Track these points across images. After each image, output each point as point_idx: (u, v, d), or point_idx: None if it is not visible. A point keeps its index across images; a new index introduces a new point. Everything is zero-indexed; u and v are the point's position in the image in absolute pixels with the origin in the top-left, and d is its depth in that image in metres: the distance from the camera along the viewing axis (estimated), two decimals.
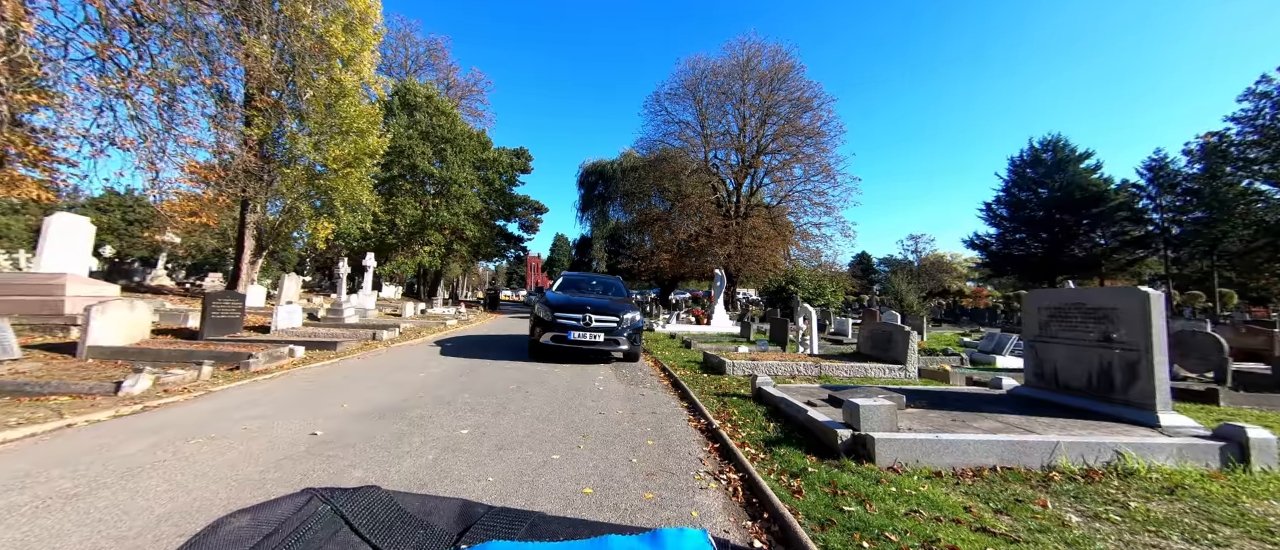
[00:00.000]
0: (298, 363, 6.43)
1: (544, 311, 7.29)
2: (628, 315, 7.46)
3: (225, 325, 7.92)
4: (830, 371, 6.56)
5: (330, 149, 15.63)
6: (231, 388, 4.82)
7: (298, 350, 6.69)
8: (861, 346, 7.85)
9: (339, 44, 15.06)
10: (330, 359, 6.89)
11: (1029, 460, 3.03)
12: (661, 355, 8.56)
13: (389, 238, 25.90)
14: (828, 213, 26.34)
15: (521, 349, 8.83)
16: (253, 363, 5.75)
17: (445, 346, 8.88)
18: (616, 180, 41.10)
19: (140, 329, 6.40)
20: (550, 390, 5.16)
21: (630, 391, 5.35)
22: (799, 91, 27.16)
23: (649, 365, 7.68)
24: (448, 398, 4.59)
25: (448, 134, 27.20)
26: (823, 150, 26.61)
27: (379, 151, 17.06)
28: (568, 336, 6.98)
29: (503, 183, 33.04)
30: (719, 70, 28.52)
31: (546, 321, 7.16)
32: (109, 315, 5.89)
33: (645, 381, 6.07)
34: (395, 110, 26.29)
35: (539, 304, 7.56)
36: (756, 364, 6.52)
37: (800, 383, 5.81)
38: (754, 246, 26.59)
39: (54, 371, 4.78)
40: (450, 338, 10.73)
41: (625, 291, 9.31)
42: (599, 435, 3.58)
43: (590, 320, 7.12)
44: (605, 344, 7.12)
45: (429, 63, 36.45)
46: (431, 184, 26.88)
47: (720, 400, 4.86)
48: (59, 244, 8.79)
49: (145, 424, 3.50)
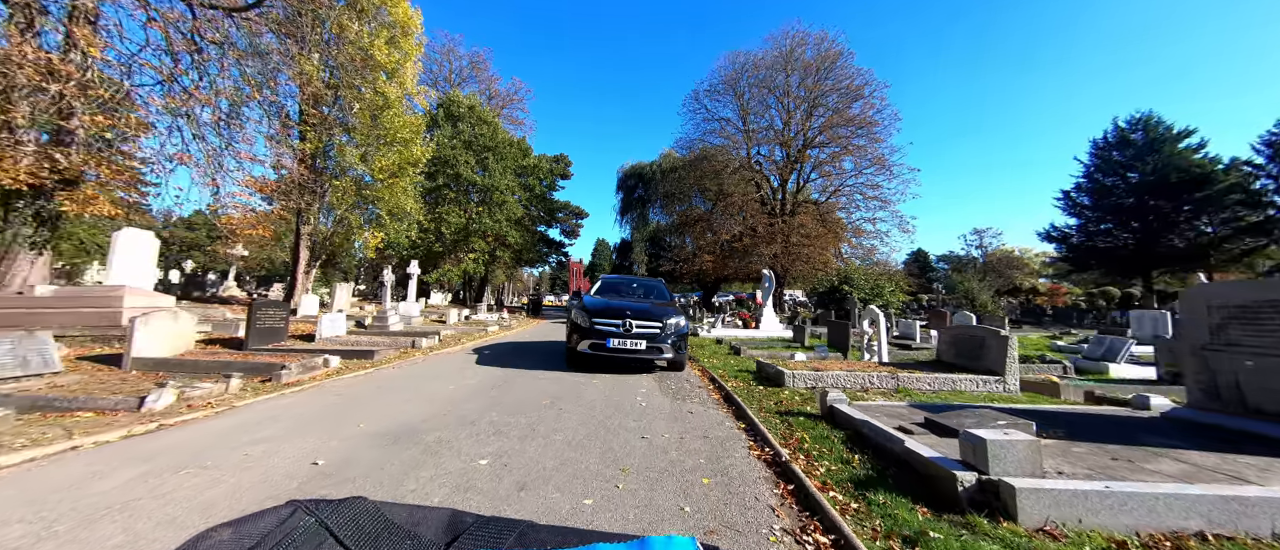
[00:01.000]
0: (332, 373, 6.23)
1: (581, 318, 6.77)
2: (671, 320, 6.81)
3: (270, 334, 7.93)
4: (910, 384, 5.62)
5: (376, 160, 16.00)
6: (256, 402, 4.57)
7: (333, 360, 6.51)
8: (942, 354, 6.80)
9: (382, 57, 15.38)
10: (366, 369, 6.67)
11: (1253, 524, 2.13)
12: (709, 363, 7.84)
13: (436, 246, 26.56)
14: (883, 207, 24.58)
15: (559, 357, 8.37)
16: (285, 374, 5.56)
17: (482, 354, 8.56)
18: (656, 182, 40.55)
19: (185, 340, 6.41)
20: (586, 407, 4.59)
21: (676, 408, 4.69)
22: (848, 80, 25.60)
23: (695, 375, 6.99)
24: (473, 416, 4.12)
25: (489, 142, 27.64)
26: (876, 141, 24.90)
27: (422, 160, 17.33)
28: (607, 344, 6.41)
29: (543, 188, 33.31)
30: (760, 63, 27.41)
31: (584, 328, 6.63)
32: (153, 326, 5.90)
33: (693, 395, 5.40)
34: (440, 122, 27.00)
35: (576, 310, 7.05)
36: (820, 374, 5.69)
37: (878, 399, 4.94)
38: (802, 245, 25.20)
39: (90, 385, 4.71)
40: (489, 345, 10.47)
41: (668, 295, 8.67)
42: (641, 468, 2.96)
43: (631, 326, 6.53)
44: (647, 352, 6.50)
45: (472, 75, 37.45)
46: (475, 192, 27.37)
47: (784, 420, 4.11)
48: (125, 258, 9.20)
49: (147, 448, 3.21)
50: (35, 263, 9.27)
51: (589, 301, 7.20)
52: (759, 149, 27.95)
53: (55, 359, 4.79)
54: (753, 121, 28.41)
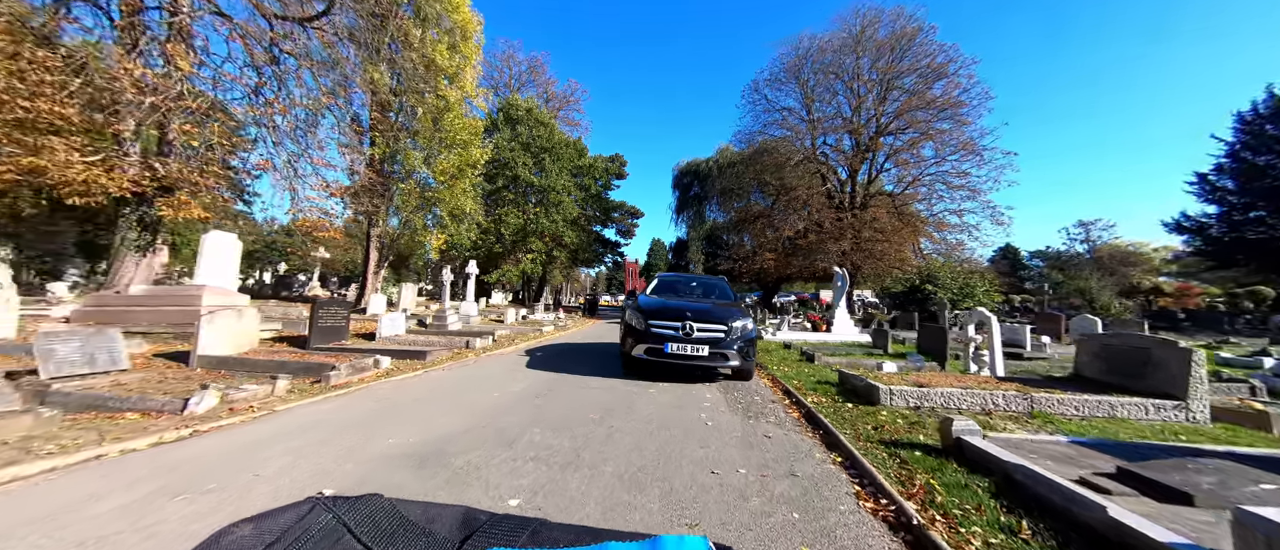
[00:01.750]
0: (382, 374, 6.04)
1: (636, 320, 6.14)
2: (737, 323, 6.00)
3: (331, 333, 8.02)
4: (1050, 408, 4.46)
5: (437, 163, 16.40)
6: (297, 407, 4.34)
7: (383, 361, 6.34)
8: (1083, 368, 5.46)
9: (443, 61, 15.69)
10: (416, 370, 6.44)
11: None
12: (779, 371, 6.94)
13: (496, 247, 27.22)
14: (972, 197, 22.01)
15: (613, 361, 7.80)
16: (334, 376, 5.38)
17: (534, 357, 8.19)
18: (712, 179, 39.40)
19: (248, 338, 6.51)
20: (641, 424, 3.93)
21: (750, 429, 3.91)
22: (928, 58, 23.21)
23: (765, 385, 6.14)
24: (513, 434, 3.59)
25: (546, 143, 27.92)
26: (962, 123, 22.37)
27: (481, 162, 17.59)
28: (664, 349, 5.73)
29: (598, 188, 33.28)
30: (827, 46, 25.58)
31: (639, 331, 5.99)
32: (217, 325, 5.98)
33: (767, 411, 4.58)
34: (499, 125, 27.65)
35: (630, 311, 6.43)
36: (924, 391, 4.66)
37: (1016, 429, 3.88)
38: (875, 241, 23.17)
39: (150, 383, 4.72)
40: (542, 346, 10.14)
41: (732, 294, 7.83)
42: (716, 522, 2.25)
43: (691, 329, 5.80)
44: (710, 359, 5.74)
45: (530, 79, 38.27)
46: (532, 193, 27.76)
47: (891, 454, 3.22)
48: (212, 259, 9.76)
49: (168, 460, 2.95)
50: (139, 264, 10.10)
51: (644, 302, 6.55)
52: (825, 139, 26.13)
53: (122, 356, 4.85)
54: (817, 110, 26.64)
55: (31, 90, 6.91)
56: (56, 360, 4.35)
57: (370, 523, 0.50)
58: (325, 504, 0.51)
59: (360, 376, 5.75)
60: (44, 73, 7.14)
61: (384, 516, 0.51)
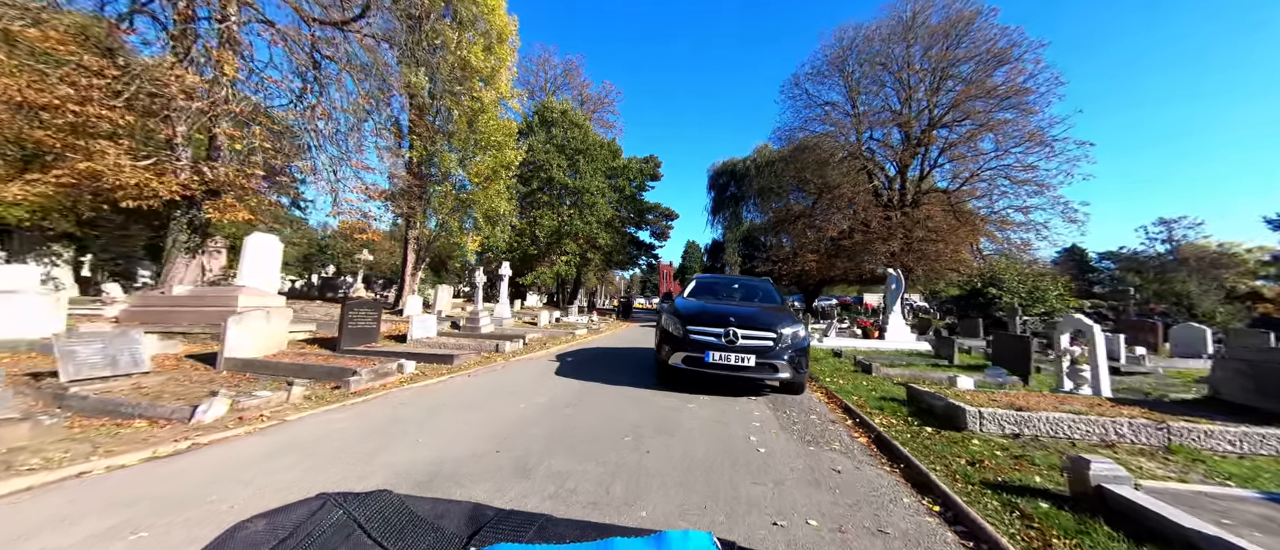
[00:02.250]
0: (405, 379, 5.74)
1: (673, 325, 5.57)
2: (787, 330, 5.33)
3: (362, 335, 7.88)
4: (1194, 442, 3.57)
5: (472, 165, 16.42)
6: (308, 416, 4.03)
7: (408, 366, 6.05)
8: (1223, 389, 4.46)
9: (478, 62, 15.69)
10: (441, 376, 6.13)
11: None
12: (834, 384, 6.19)
13: (531, 249, 27.29)
14: (1039, 192, 20.12)
15: (647, 367, 7.26)
16: (355, 381, 5.11)
17: (564, 363, 7.76)
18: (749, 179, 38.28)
19: (277, 340, 6.39)
20: (681, 448, 3.37)
21: (813, 459, 3.27)
22: (988, 43, 21.47)
23: (819, 400, 5.43)
24: (531, 459, 3.10)
25: (580, 145, 27.81)
26: (1028, 112, 20.52)
27: (515, 163, 17.50)
28: (705, 359, 5.14)
29: (633, 189, 32.93)
30: (874, 36, 24.17)
31: (676, 338, 5.42)
32: (244, 327, 5.86)
33: (829, 435, 3.91)
34: (534, 128, 27.76)
35: (667, 315, 5.87)
36: (1024, 415, 3.85)
37: (1166, 474, 3.07)
38: (928, 241, 21.57)
39: (166, 388, 4.56)
40: (574, 350, 9.73)
41: (778, 297, 7.12)
42: None
43: (735, 337, 5.18)
44: (757, 370, 5.10)
45: (565, 82, 38.45)
46: (567, 195, 27.68)
47: (1004, 503, 2.51)
48: (254, 260, 9.91)
49: (153, 477, 2.64)
50: (189, 265, 10.41)
51: (682, 305, 5.97)
52: (872, 133, 24.66)
53: (144, 359, 4.73)
54: (863, 103, 25.21)
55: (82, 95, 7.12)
56: (77, 362, 4.23)
57: (380, 518, 0.51)
58: (335, 500, 0.52)
59: (382, 382, 5.46)
60: (93, 77, 7.35)
61: (393, 512, 0.52)
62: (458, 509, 0.56)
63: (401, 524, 0.50)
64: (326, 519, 0.49)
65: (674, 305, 5.98)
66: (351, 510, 0.51)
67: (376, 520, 0.50)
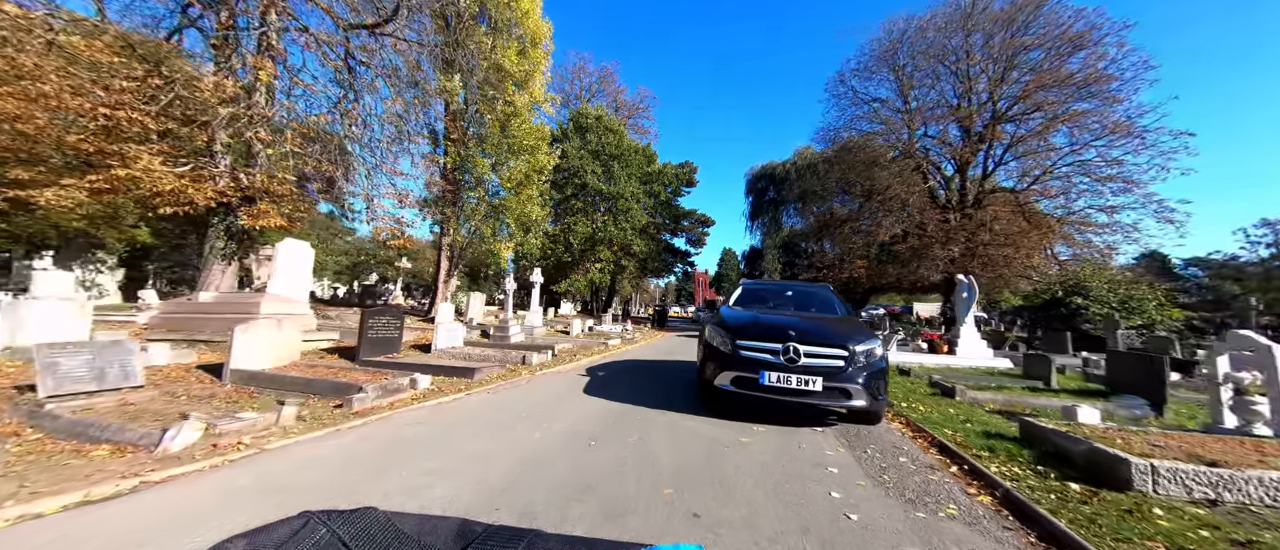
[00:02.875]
0: (416, 397, 5.16)
1: (720, 338, 4.72)
2: (861, 347, 4.37)
3: (383, 345, 7.44)
4: None
5: (504, 170, 16.16)
6: (294, 443, 3.46)
7: (422, 381, 5.48)
8: None
9: (512, 66, 15.45)
10: (458, 392, 5.52)
11: None
12: (914, 411, 5.14)
13: (564, 256, 26.97)
14: (1126, 189, 17.88)
15: (686, 384, 6.42)
16: (359, 399, 4.55)
17: (595, 377, 7.03)
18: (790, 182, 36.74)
19: (288, 350, 5.98)
20: (741, 511, 2.52)
21: (923, 532, 2.35)
22: (1060, 28, 19.46)
23: (901, 433, 4.43)
24: (538, 516, 2.34)
25: (615, 150, 27.38)
26: (1111, 101, 18.37)
27: (548, 168, 17.13)
28: (759, 380, 4.25)
29: (668, 194, 32.16)
30: (928, 26, 22.52)
31: (724, 355, 4.57)
32: (252, 335, 5.46)
33: (933, 490, 2.95)
34: (569, 135, 27.58)
35: (711, 327, 5.02)
36: (1222, 475, 2.76)
37: None
38: (994, 245, 19.61)
39: (154, 405, 4.12)
40: (606, 363, 9.00)
41: (841, 306, 6.09)
42: None
43: (797, 354, 4.28)
44: (824, 396, 4.17)
45: (600, 90, 38.38)
46: (601, 201, 27.26)
47: None
48: (286, 266, 9.78)
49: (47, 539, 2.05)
50: (225, 272, 10.43)
51: (730, 316, 5.10)
52: (926, 130, 22.91)
53: (137, 371, 4.32)
54: (916, 98, 23.51)
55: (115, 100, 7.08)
56: (58, 376, 3.84)
57: (365, 537, 0.49)
58: (320, 518, 0.50)
59: (391, 400, 4.89)
60: (125, 82, 7.32)
61: (379, 530, 0.50)
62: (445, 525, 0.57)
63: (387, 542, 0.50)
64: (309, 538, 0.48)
65: (719, 316, 5.12)
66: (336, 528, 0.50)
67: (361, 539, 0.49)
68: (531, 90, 16.53)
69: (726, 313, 5.24)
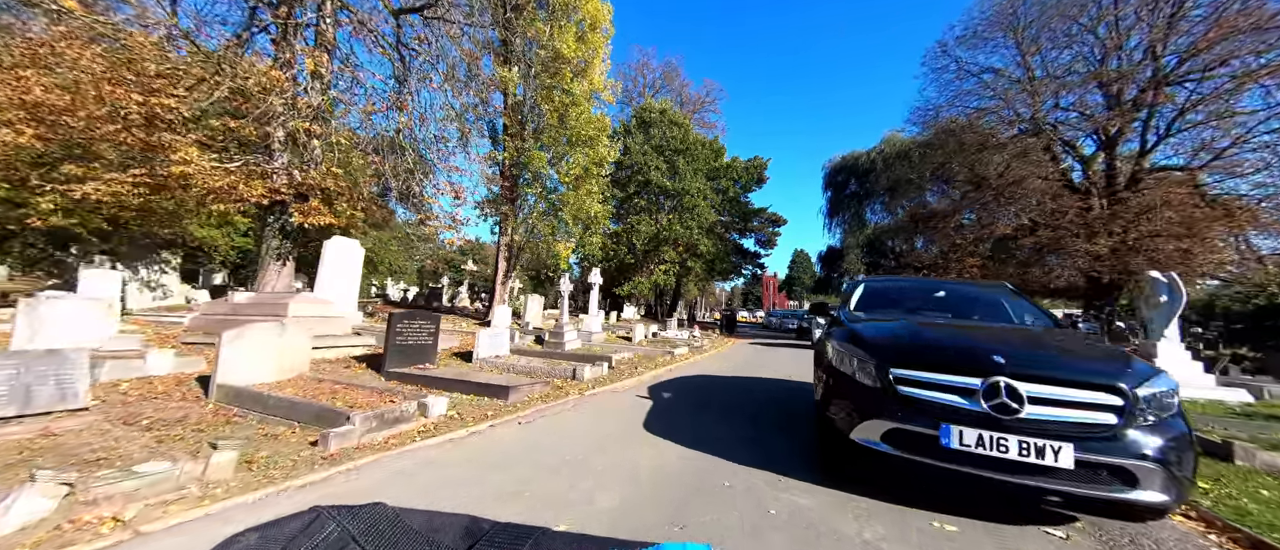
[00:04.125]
0: (423, 429, 3.89)
1: (858, 363, 2.94)
2: (1146, 387, 2.42)
3: (414, 354, 6.40)
4: None
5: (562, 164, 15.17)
6: (194, 518, 2.23)
7: (436, 405, 4.22)
8: None
9: (570, 52, 14.42)
10: (480, 422, 4.20)
11: None
12: None
13: (627, 258, 25.76)
14: None
15: (788, 418, 4.66)
16: (341, 436, 3.33)
17: (659, 402, 5.46)
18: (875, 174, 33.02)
19: (295, 359, 5.02)
20: None
21: None
22: None
23: (1194, 532, 2.40)
24: None
25: (680, 145, 25.81)
26: None
27: (607, 160, 15.93)
28: (942, 441, 2.45)
29: (737, 190, 29.92)
30: None
31: (869, 392, 2.79)
32: (245, 343, 4.52)
33: None
34: (631, 131, 26.42)
35: (838, 342, 3.23)
36: None
37: None
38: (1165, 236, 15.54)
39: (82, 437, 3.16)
40: (672, 379, 7.41)
41: (1048, 316, 3.93)
42: None
43: (1015, 396, 2.42)
44: (1079, 479, 2.27)
45: (665, 85, 37.05)
46: (665, 198, 25.76)
47: None
48: (333, 266, 9.24)
49: None
50: (280, 272, 10.14)
51: (871, 329, 3.29)
52: (1062, 99, 18.99)
53: (79, 390, 3.41)
54: (1042, 65, 19.66)
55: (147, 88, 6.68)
56: None
57: (373, 532, 0.49)
58: (329, 513, 0.52)
59: (387, 434, 3.64)
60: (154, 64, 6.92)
61: (387, 525, 0.51)
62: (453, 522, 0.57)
63: (395, 537, 0.50)
64: (320, 532, 0.49)
65: (853, 332, 3.30)
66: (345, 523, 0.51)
67: (371, 534, 0.50)
68: (591, 78, 15.40)
69: (868, 329, 3.35)
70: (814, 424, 3.74)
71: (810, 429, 4.23)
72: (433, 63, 11.53)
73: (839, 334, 3.37)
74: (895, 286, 4.97)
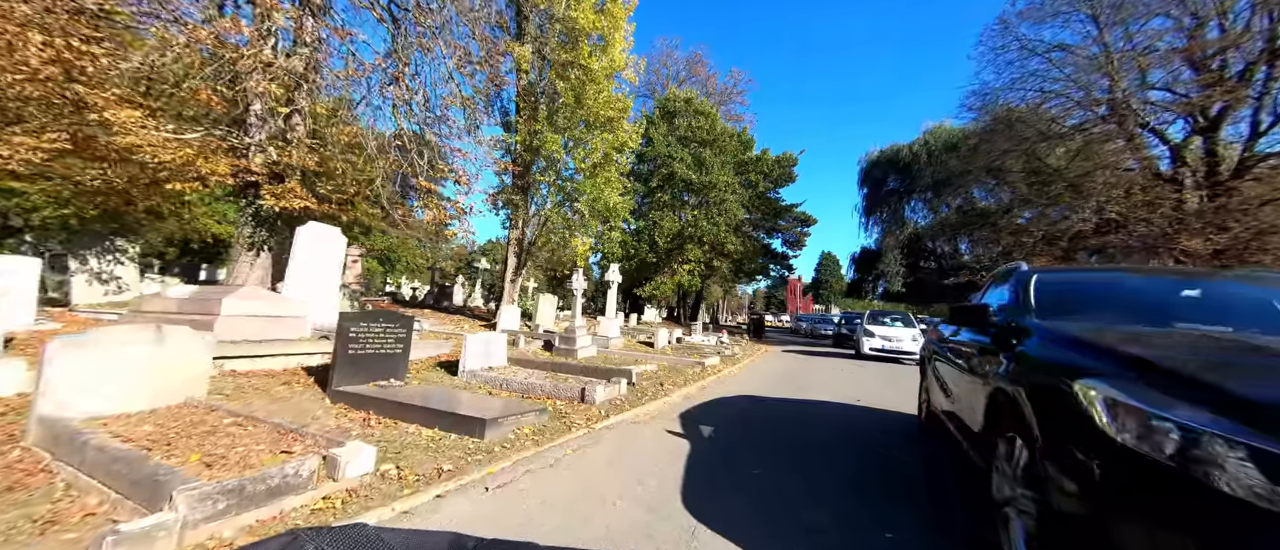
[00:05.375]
0: (317, 506, 2.34)
1: (1139, 430, 1.23)
2: None
3: (377, 365, 4.91)
4: None
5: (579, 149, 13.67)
6: None
7: (350, 461, 2.66)
8: None
9: (588, 23, 12.93)
10: (427, 487, 2.66)
11: None
12: None
13: (649, 256, 24.15)
14: None
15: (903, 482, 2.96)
16: (146, 537, 1.79)
17: (700, 447, 3.82)
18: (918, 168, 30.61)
19: (182, 378, 3.55)
20: None
21: None
22: None
23: None
24: None
25: (706, 136, 24.10)
26: None
27: (628, 145, 14.37)
28: None
29: (767, 185, 27.96)
30: None
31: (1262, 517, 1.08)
32: (91, 355, 3.06)
33: None
34: (655, 121, 24.83)
35: (1104, 392, 1.52)
36: None
37: None
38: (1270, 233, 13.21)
39: None
40: (709, 404, 5.75)
41: None
42: None
43: None
44: None
45: (690, 76, 35.37)
46: (690, 193, 24.05)
47: None
48: (307, 255, 7.90)
49: None
50: (254, 264, 8.88)
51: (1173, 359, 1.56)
52: (1148, 76, 16.60)
53: None
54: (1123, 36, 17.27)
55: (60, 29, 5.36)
56: None
57: None
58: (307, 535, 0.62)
59: (247, 520, 2.08)
60: None
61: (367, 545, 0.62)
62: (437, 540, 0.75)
63: None
64: None
65: (1139, 358, 1.56)
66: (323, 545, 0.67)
67: None
68: (611, 54, 13.87)
69: (1169, 367, 1.57)
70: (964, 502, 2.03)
71: (958, 510, 2.53)
72: (436, 30, 10.16)
73: (1115, 374, 1.63)
74: (1096, 281, 3.19)
